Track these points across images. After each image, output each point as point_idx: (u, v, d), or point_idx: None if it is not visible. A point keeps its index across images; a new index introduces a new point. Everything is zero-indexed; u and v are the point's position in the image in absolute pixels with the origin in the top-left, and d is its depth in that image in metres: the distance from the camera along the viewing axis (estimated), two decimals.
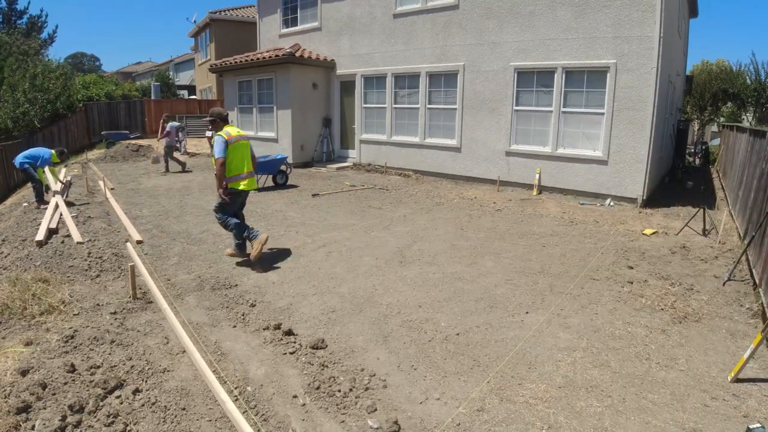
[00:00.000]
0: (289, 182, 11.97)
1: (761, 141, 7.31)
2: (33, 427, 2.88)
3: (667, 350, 4.00)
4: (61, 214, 7.96)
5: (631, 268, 6.03)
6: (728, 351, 4.01)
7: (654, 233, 7.66)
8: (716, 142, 21.89)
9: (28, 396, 3.10)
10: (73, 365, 3.48)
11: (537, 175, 10.86)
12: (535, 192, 10.80)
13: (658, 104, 9.51)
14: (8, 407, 2.99)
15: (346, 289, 5.29)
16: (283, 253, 6.55)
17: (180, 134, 16.29)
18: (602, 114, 9.94)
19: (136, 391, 3.30)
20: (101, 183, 10.82)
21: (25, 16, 32.01)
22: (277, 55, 14.12)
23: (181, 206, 9.28)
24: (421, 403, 3.27)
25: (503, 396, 3.34)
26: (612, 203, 9.88)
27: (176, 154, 15.29)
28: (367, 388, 3.40)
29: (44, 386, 3.21)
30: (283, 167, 11.71)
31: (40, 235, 6.64)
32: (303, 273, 5.78)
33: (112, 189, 10.75)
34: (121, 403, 3.17)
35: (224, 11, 25.40)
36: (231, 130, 5.96)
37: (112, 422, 2.98)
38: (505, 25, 11.08)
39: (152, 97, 25.41)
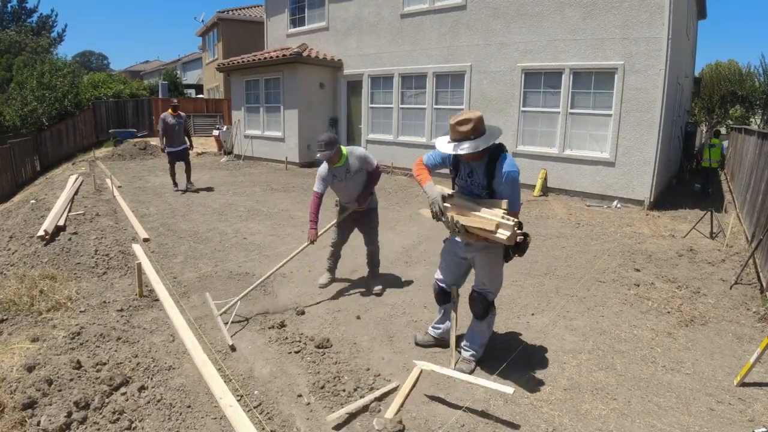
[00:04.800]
0: (294, 182, 12.00)
1: None
2: (39, 423, 2.90)
3: (673, 353, 3.98)
4: (68, 210, 8.01)
5: (638, 270, 6.00)
6: (734, 355, 3.99)
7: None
8: (725, 144, 21.76)
9: (34, 392, 3.12)
10: (79, 362, 3.50)
11: (539, 176, 10.80)
12: (535, 193, 10.74)
13: (666, 106, 9.46)
14: (14, 403, 3.01)
15: (352, 289, 5.29)
16: (289, 253, 6.55)
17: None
18: (610, 115, 9.90)
19: (142, 389, 3.32)
20: (108, 181, 10.88)
21: (35, 14, 32.26)
22: (284, 55, 14.15)
23: (188, 205, 9.31)
24: (425, 403, 3.27)
25: (507, 398, 3.33)
26: (619, 205, 9.83)
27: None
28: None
29: (50, 382, 3.23)
30: None
31: (50, 227, 6.68)
32: (309, 272, 5.79)
33: (119, 187, 10.81)
34: (127, 400, 3.18)
35: (232, 11, 25.46)
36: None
37: (118, 419, 3.00)
38: (513, 26, 11.06)
39: (160, 96, 25.53)
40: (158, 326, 4.32)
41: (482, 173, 3.33)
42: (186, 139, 10.73)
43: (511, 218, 3.15)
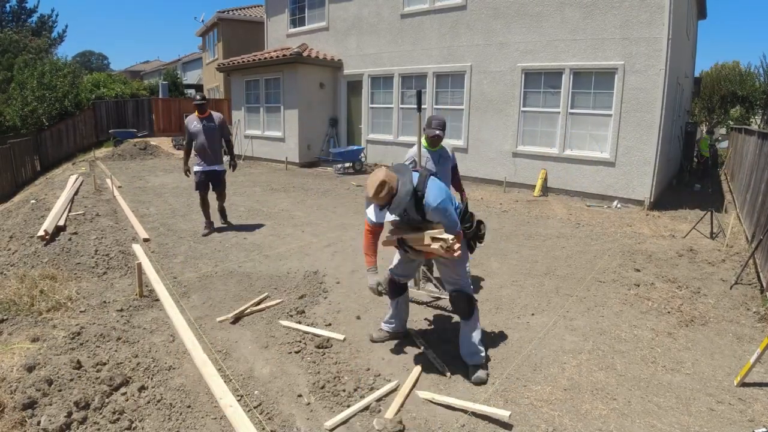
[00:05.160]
0: (294, 182, 12.02)
1: None
2: (39, 423, 2.90)
3: (674, 353, 3.98)
4: (68, 211, 8.01)
5: (638, 270, 6.00)
6: (734, 355, 3.99)
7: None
8: (724, 144, 21.81)
9: (34, 392, 3.12)
10: (79, 362, 3.50)
11: (539, 177, 10.80)
12: (536, 193, 10.75)
13: (666, 106, 9.46)
14: (14, 403, 3.01)
15: (352, 289, 5.29)
16: (290, 252, 6.56)
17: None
18: (610, 116, 9.90)
19: (142, 389, 3.32)
20: (109, 181, 10.88)
21: (35, 14, 32.26)
22: (284, 55, 14.15)
23: (188, 205, 9.31)
24: (425, 403, 3.27)
25: (508, 398, 3.33)
26: (619, 205, 9.83)
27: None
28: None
29: (50, 382, 3.23)
30: (361, 157, 14.14)
31: (50, 227, 6.68)
32: (309, 272, 5.79)
33: (119, 187, 10.81)
34: (127, 400, 3.18)
35: (232, 11, 25.46)
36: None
37: (118, 419, 3.00)
38: (513, 26, 11.06)
39: (160, 96, 25.53)
40: (158, 326, 4.32)
41: (414, 212, 3.41)
42: (223, 153, 7.51)
43: (444, 233, 3.28)
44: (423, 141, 4.74)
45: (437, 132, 4.60)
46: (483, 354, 3.68)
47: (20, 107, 19.96)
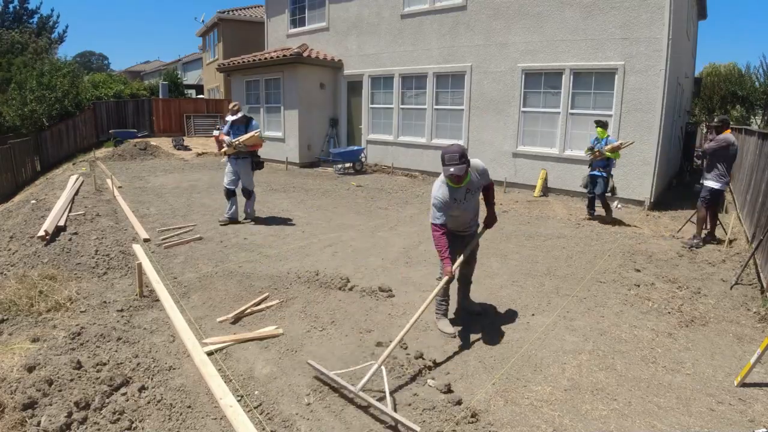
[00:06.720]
0: (295, 182, 12.02)
1: None
2: (39, 423, 2.90)
3: (674, 354, 3.98)
4: (69, 211, 8.01)
5: (638, 270, 6.00)
6: (735, 355, 3.98)
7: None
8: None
9: (34, 392, 3.12)
10: (79, 362, 3.50)
11: (539, 177, 10.80)
12: (536, 193, 10.75)
13: (667, 106, 9.45)
14: (15, 403, 3.01)
15: (353, 289, 5.29)
16: (290, 253, 6.56)
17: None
18: (610, 116, 9.87)
19: (142, 389, 3.32)
20: (109, 181, 10.88)
21: (36, 15, 32.24)
22: (284, 55, 14.15)
23: (188, 205, 9.31)
24: (426, 403, 3.27)
25: (508, 398, 3.33)
26: (619, 205, 9.83)
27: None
28: (372, 389, 3.40)
29: (50, 383, 3.23)
30: (361, 157, 14.16)
31: (50, 228, 6.68)
32: (309, 272, 5.78)
33: (119, 187, 10.81)
34: (127, 401, 3.18)
35: (232, 11, 25.46)
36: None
37: (118, 419, 3.00)
38: (513, 26, 11.06)
39: (160, 96, 25.53)
40: (158, 326, 4.32)
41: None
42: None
43: None
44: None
45: (452, 170, 3.71)
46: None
47: (19, 107, 19.93)
